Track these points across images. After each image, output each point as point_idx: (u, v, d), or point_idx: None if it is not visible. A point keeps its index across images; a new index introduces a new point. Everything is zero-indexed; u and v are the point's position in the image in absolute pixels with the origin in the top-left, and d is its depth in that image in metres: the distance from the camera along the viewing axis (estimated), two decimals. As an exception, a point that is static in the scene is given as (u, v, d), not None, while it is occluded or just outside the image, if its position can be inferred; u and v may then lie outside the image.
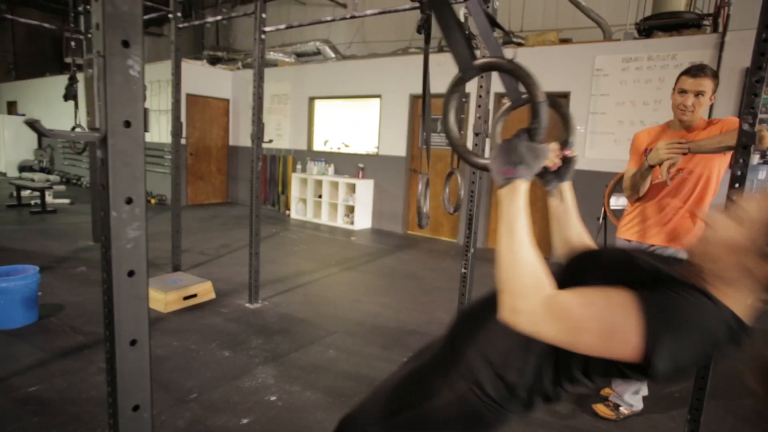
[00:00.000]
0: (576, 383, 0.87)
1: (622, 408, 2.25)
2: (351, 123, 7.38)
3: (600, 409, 2.27)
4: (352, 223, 6.89)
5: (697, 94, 2.00)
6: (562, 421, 2.22)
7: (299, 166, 7.62)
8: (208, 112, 8.29)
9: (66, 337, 2.77)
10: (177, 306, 3.30)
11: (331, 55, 8.02)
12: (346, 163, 7.25)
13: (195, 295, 3.41)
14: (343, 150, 7.40)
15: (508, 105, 1.25)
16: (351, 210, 6.96)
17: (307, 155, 7.63)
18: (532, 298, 0.76)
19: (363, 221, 6.96)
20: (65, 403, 2.11)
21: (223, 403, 2.19)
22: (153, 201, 8.07)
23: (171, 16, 3.64)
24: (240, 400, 2.23)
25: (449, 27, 0.98)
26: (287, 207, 7.80)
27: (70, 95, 3.80)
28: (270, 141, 3.34)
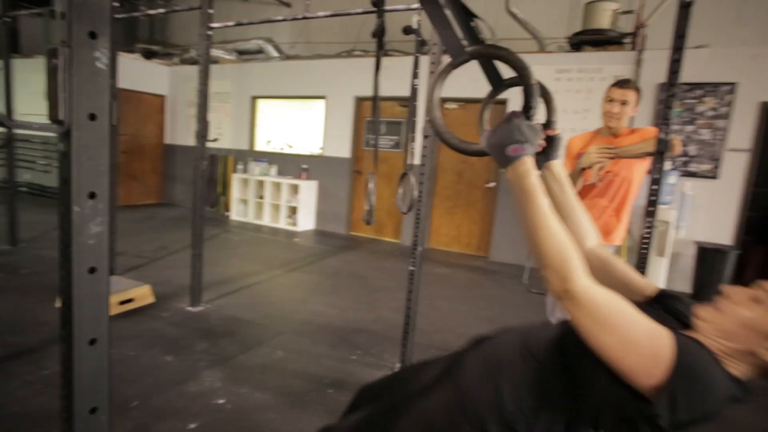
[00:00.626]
0: None
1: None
2: (295, 123, 7.31)
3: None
4: (295, 225, 6.82)
5: (623, 103, 2.22)
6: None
7: (240, 166, 7.42)
8: (142, 108, 7.86)
9: (-15, 348, 2.54)
10: (112, 311, 3.12)
11: (274, 54, 7.89)
12: (289, 164, 7.16)
13: (132, 300, 3.24)
14: (287, 150, 7.31)
15: (491, 91, 1.30)
16: (294, 211, 6.89)
17: (249, 155, 7.45)
18: (576, 273, 0.76)
19: (306, 222, 6.91)
20: (-11, 418, 1.95)
21: (168, 410, 2.12)
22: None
23: (106, 5, 3.44)
24: (186, 405, 2.16)
25: (438, 15, 1.01)
26: (227, 208, 7.57)
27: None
28: (215, 140, 3.26)
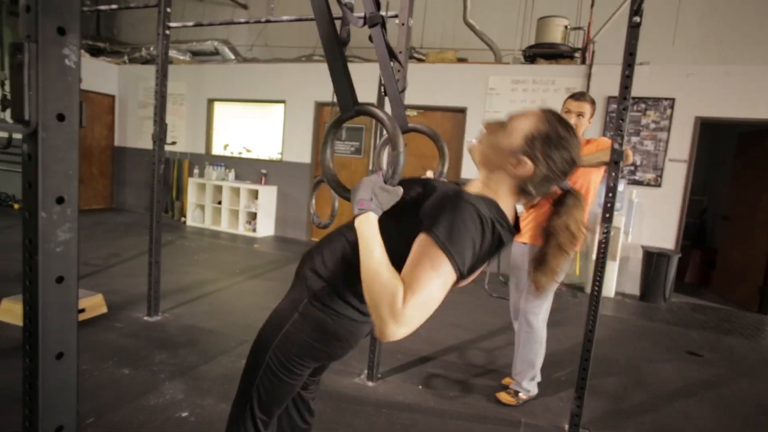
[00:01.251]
0: None
1: (521, 394, 2.50)
2: (253, 128, 7.18)
3: (502, 397, 2.49)
4: (254, 231, 6.68)
5: (579, 114, 2.34)
6: (471, 411, 2.41)
7: (196, 170, 7.19)
8: (89, 108, 7.46)
9: None
10: (60, 323, 2.93)
11: (231, 57, 7.71)
12: (248, 169, 7.02)
13: (83, 310, 3.06)
14: (245, 155, 7.15)
15: (386, 138, 1.37)
16: (253, 217, 6.75)
17: (206, 159, 7.24)
18: (394, 311, 0.87)
19: (266, 228, 6.78)
20: None
21: (127, 425, 2.02)
22: (17, 206, 7.03)
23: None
24: (147, 419, 2.06)
25: (337, 71, 1.07)
26: (183, 213, 7.31)
27: None
28: (174, 143, 3.14)
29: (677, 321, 4.32)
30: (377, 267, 0.91)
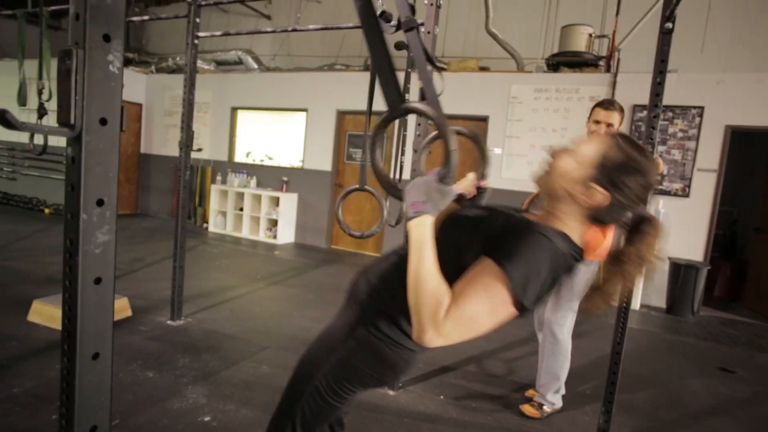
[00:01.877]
0: None
1: (545, 407, 2.44)
2: (275, 135, 7.27)
3: (526, 410, 2.44)
4: (275, 237, 6.73)
5: (608, 125, 2.30)
6: (494, 423, 2.36)
7: (219, 177, 7.30)
8: (117, 116, 7.66)
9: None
10: (87, 325, 2.99)
11: (254, 66, 7.85)
12: (269, 176, 7.10)
13: (109, 313, 3.12)
14: (267, 162, 7.24)
15: (433, 134, 1.35)
16: (274, 224, 6.81)
17: (228, 167, 7.35)
18: (435, 318, 0.86)
19: (286, 235, 6.83)
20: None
21: (151, 428, 2.04)
22: (47, 211, 7.25)
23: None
24: (170, 423, 2.08)
25: (383, 70, 1.05)
26: (205, 220, 7.42)
27: None
28: (200, 149, 3.20)
29: (707, 335, 4.18)
30: (426, 273, 0.89)
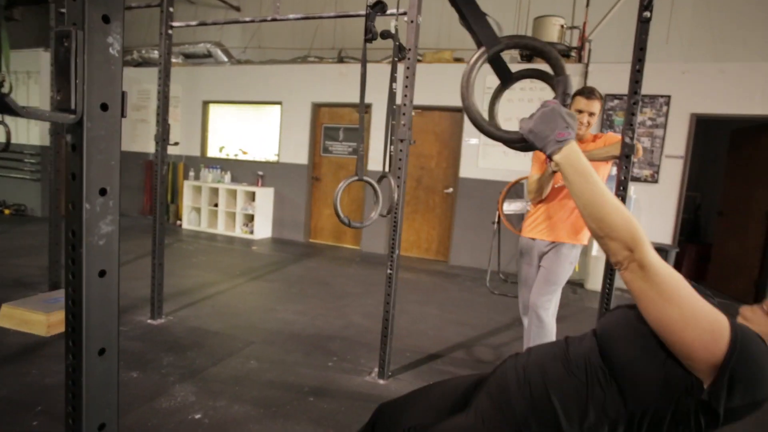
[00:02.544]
0: None
1: (532, 389, 2.50)
2: (249, 129, 7.13)
3: None
4: (251, 233, 6.63)
5: (590, 114, 2.35)
6: None
7: (192, 173, 7.12)
8: (80, 111, 7.34)
9: None
10: (63, 328, 2.88)
11: (224, 59, 7.65)
12: (244, 171, 6.97)
13: (85, 314, 3.01)
14: (241, 157, 7.10)
15: (499, 85, 1.28)
16: (250, 219, 6.70)
17: (201, 162, 7.17)
18: (646, 244, 0.80)
19: (263, 230, 6.73)
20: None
21: (141, 428, 1.98)
22: (8, 212, 6.91)
23: (51, -1, 3.22)
24: (160, 422, 2.03)
25: (472, 8, 1.02)
26: (178, 217, 7.23)
27: None
28: (176, 143, 3.11)
29: (677, 315, 4.36)
30: (611, 197, 0.84)
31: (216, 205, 6.85)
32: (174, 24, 2.95)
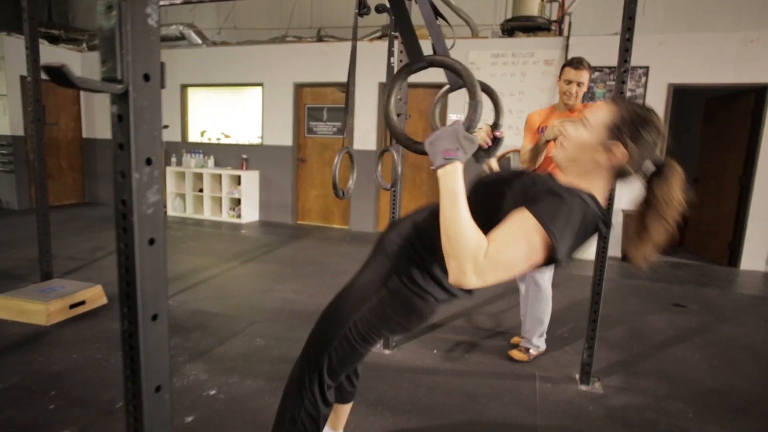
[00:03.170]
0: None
1: (531, 350, 2.62)
2: (231, 112, 7.02)
3: (515, 354, 2.61)
4: (239, 217, 6.59)
5: (579, 84, 2.42)
6: (487, 369, 2.51)
7: (174, 159, 6.99)
8: (53, 99, 7.11)
9: None
10: (63, 316, 2.87)
11: (197, 41, 7.45)
12: (227, 155, 6.88)
13: (84, 302, 3.00)
14: (224, 141, 7.00)
15: (446, 89, 1.39)
16: (237, 203, 6.65)
17: (183, 147, 7.04)
18: (475, 261, 0.91)
19: (250, 214, 6.70)
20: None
21: (157, 406, 2.01)
22: (-17, 205, 6.69)
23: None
24: (176, 400, 2.07)
25: (405, 25, 1.11)
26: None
27: None
28: (166, 126, 3.06)
29: (659, 278, 4.56)
30: (464, 220, 0.93)
31: (201, 191, 6.77)
32: (162, 3, 2.87)
